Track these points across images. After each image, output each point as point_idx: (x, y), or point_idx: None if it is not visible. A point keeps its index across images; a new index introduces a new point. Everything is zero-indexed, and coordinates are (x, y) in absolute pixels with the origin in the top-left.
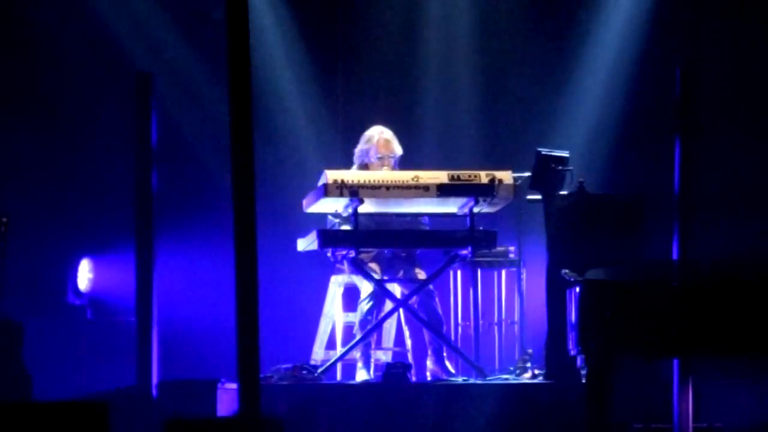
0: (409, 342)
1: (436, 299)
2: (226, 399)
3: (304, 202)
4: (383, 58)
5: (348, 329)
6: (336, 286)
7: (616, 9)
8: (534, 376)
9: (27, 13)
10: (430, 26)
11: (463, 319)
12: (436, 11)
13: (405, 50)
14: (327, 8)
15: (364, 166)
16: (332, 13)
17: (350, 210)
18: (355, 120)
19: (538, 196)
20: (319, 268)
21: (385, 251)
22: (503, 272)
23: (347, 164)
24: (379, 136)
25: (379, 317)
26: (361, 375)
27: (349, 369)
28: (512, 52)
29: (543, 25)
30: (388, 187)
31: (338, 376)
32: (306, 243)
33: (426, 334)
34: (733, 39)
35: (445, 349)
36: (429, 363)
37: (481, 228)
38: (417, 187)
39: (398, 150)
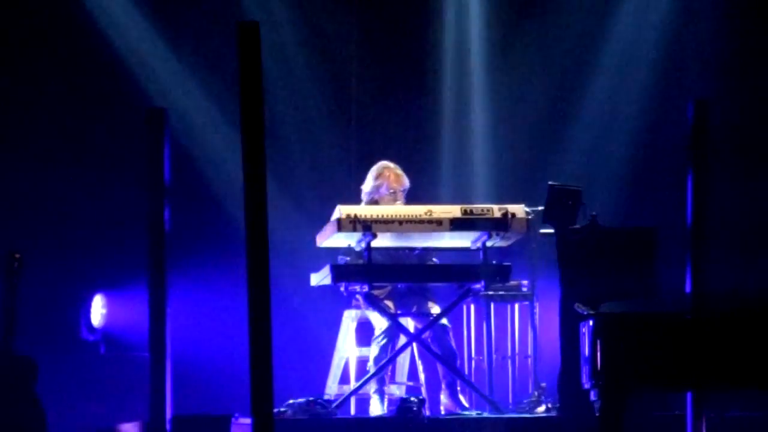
0: (422, 376)
1: (450, 333)
2: None
3: (318, 237)
4: (396, 93)
5: (361, 364)
6: (349, 320)
7: (631, 42)
8: (548, 410)
9: (41, 49)
10: (443, 60)
11: (476, 353)
12: (449, 45)
13: (417, 84)
14: (341, 43)
15: (374, 202)
16: (346, 47)
17: (363, 244)
18: (368, 155)
19: (551, 230)
20: (333, 303)
21: (399, 286)
22: (516, 306)
23: (360, 199)
24: (390, 171)
25: (393, 352)
26: (375, 409)
27: (363, 404)
28: (524, 85)
29: (556, 58)
30: (401, 222)
31: (352, 411)
32: (319, 278)
33: (440, 369)
34: (747, 71)
35: (458, 383)
36: (443, 397)
37: (494, 262)
38: (430, 221)
39: (408, 183)
